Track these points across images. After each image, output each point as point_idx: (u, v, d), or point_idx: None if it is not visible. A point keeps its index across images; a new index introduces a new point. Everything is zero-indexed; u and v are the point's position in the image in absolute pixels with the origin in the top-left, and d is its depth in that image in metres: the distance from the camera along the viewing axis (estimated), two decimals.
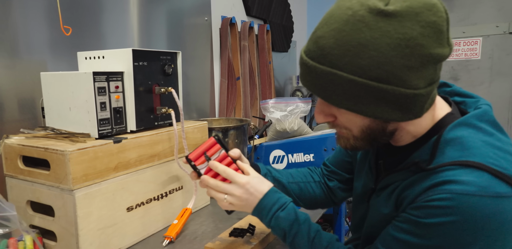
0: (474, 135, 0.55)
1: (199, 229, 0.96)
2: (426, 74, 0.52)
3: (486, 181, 0.50)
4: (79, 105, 0.83)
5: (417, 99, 0.53)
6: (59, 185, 0.75)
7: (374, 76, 0.51)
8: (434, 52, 0.50)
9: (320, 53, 0.53)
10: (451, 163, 0.53)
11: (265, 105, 1.64)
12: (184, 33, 1.68)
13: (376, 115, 0.54)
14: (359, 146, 0.62)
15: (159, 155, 0.94)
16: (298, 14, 2.93)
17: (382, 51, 0.49)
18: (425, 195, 0.53)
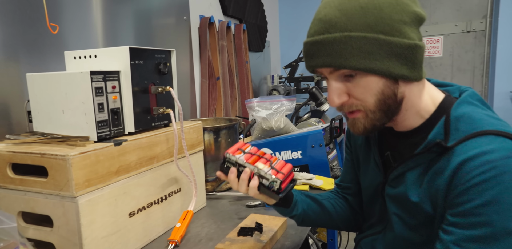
0: (477, 110, 0.61)
1: (202, 231, 0.94)
2: (416, 30, 0.61)
3: (509, 144, 0.55)
4: (74, 107, 0.78)
5: (417, 51, 0.60)
6: (59, 193, 0.70)
7: (380, 30, 0.58)
8: (417, 10, 0.60)
9: (328, 26, 0.60)
10: (470, 136, 0.57)
11: (251, 104, 1.64)
12: (163, 32, 1.64)
13: (390, 70, 0.59)
14: (377, 119, 0.63)
15: (158, 157, 0.91)
16: (271, 14, 2.95)
17: (382, 8, 0.58)
18: (460, 177, 0.55)
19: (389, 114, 0.64)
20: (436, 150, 0.60)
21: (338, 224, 0.84)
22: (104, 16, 1.29)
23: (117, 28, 1.35)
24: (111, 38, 1.30)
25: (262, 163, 0.72)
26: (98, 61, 0.86)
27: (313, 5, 3.04)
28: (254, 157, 0.73)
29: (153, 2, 1.56)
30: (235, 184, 0.72)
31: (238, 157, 0.73)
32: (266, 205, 1.07)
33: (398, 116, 0.66)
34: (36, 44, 1.03)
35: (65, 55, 0.90)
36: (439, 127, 0.61)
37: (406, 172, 0.65)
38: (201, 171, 1.11)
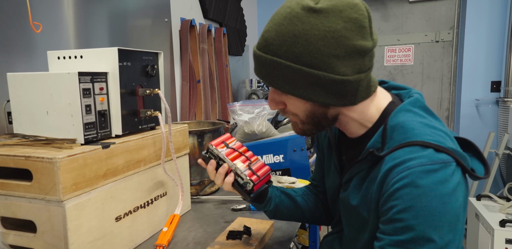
0: (412, 118, 0.63)
1: (188, 235, 0.93)
2: (353, 63, 0.60)
3: (431, 153, 0.57)
4: (59, 108, 0.76)
5: (346, 85, 0.61)
6: (45, 197, 0.68)
7: (307, 63, 0.59)
8: (357, 44, 0.59)
9: (264, 44, 0.63)
10: (398, 146, 0.60)
11: (233, 108, 1.64)
12: (143, 33, 1.61)
13: (312, 99, 0.62)
14: (307, 130, 0.69)
15: (144, 160, 0.89)
16: (250, 19, 2.98)
17: (312, 41, 0.58)
18: (386, 184, 0.59)
19: (320, 127, 0.69)
20: (372, 158, 0.64)
21: (309, 219, 0.89)
22: (78, 16, 1.26)
23: (93, 29, 1.32)
24: (84, 38, 1.26)
25: (241, 162, 0.75)
26: (84, 62, 0.84)
27: None
28: (236, 154, 0.76)
29: (134, 4, 1.54)
30: (212, 175, 0.77)
31: (220, 150, 0.76)
32: (252, 208, 1.08)
33: (341, 126, 0.70)
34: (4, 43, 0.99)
35: (48, 55, 0.87)
36: (377, 136, 0.64)
37: (353, 177, 0.69)
38: (187, 175, 1.10)
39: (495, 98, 2.58)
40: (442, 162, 0.56)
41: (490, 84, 2.59)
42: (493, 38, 2.54)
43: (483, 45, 2.57)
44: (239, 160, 0.75)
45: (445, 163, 0.56)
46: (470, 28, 2.59)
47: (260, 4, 3.18)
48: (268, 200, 0.80)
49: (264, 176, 0.75)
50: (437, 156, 0.57)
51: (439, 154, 0.57)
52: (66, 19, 1.17)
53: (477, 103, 2.64)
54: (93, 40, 1.30)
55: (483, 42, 2.57)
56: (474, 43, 2.59)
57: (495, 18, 2.52)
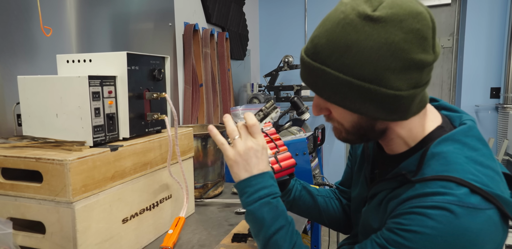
0: (459, 151, 0.57)
1: (193, 238, 0.94)
2: (409, 77, 0.55)
3: (464, 194, 0.53)
4: (69, 111, 0.77)
5: (399, 100, 0.56)
6: (55, 198, 0.68)
7: (357, 75, 0.55)
8: (416, 57, 0.54)
9: (313, 51, 0.58)
10: (434, 177, 0.56)
11: (236, 112, 1.66)
12: (147, 37, 1.63)
13: (361, 112, 0.58)
14: (350, 139, 0.66)
15: (151, 163, 0.90)
16: (251, 23, 3.00)
17: (365, 53, 0.54)
18: (409, 203, 0.56)
19: (365, 139, 0.65)
20: (401, 180, 0.61)
21: (326, 222, 0.87)
22: (81, 19, 1.27)
23: (96, 32, 1.34)
24: (87, 42, 1.26)
25: (270, 148, 0.73)
26: (92, 66, 0.86)
27: (293, 16, 3.13)
28: (266, 140, 0.74)
29: (138, 8, 1.56)
30: None
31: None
32: None
33: (383, 141, 0.66)
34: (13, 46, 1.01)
35: (57, 58, 0.89)
36: (414, 159, 0.60)
37: (377, 194, 0.67)
38: (191, 178, 1.11)
39: (495, 104, 2.60)
40: (473, 206, 0.51)
41: (490, 90, 2.61)
42: (492, 45, 2.57)
43: (483, 52, 2.60)
44: (268, 145, 0.73)
45: (475, 209, 0.51)
46: (470, 34, 2.62)
47: (262, 9, 3.21)
48: (287, 191, 0.79)
49: (287, 168, 0.73)
50: (469, 198, 0.52)
51: (473, 196, 0.52)
52: (69, 23, 1.19)
53: (476, 109, 2.66)
54: (96, 44, 1.31)
55: (483, 49, 2.60)
56: (473, 49, 2.62)
57: (495, 25, 2.55)
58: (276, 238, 0.63)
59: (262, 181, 0.66)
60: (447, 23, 2.84)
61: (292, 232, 0.65)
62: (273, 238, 0.63)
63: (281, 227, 0.64)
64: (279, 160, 0.72)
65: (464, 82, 2.68)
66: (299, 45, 3.11)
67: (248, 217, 0.66)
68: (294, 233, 0.65)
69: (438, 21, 2.87)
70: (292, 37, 3.14)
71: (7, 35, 0.97)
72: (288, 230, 0.64)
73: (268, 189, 0.65)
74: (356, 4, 0.55)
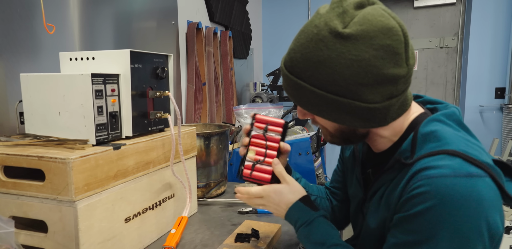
0: (446, 129, 0.59)
1: (196, 237, 0.93)
2: (382, 90, 0.55)
3: (458, 164, 0.53)
4: (72, 109, 0.77)
5: (374, 112, 0.57)
6: (57, 197, 0.68)
7: (331, 90, 0.56)
8: (388, 72, 0.54)
9: (290, 64, 0.60)
10: (428, 154, 0.56)
11: (239, 111, 1.65)
12: (150, 36, 1.63)
13: (338, 122, 0.60)
14: (336, 142, 0.68)
15: (153, 162, 0.90)
16: (255, 22, 2.99)
17: (337, 69, 0.55)
18: (406, 189, 0.56)
19: (349, 142, 0.67)
20: (399, 167, 0.61)
21: None
22: (84, 17, 1.27)
23: (99, 31, 1.33)
24: (90, 40, 1.26)
25: (255, 153, 0.74)
26: (95, 64, 0.85)
27: (296, 15, 3.11)
28: (260, 142, 0.75)
29: (141, 6, 1.55)
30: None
31: (254, 129, 0.76)
32: (259, 211, 1.08)
33: (369, 141, 0.68)
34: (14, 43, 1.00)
35: (60, 56, 0.88)
36: (407, 144, 0.61)
37: (377, 191, 0.67)
38: (194, 177, 1.10)
39: (499, 104, 2.58)
40: (468, 174, 0.52)
41: (495, 90, 2.59)
42: (497, 45, 2.55)
43: (488, 52, 2.58)
44: (256, 149, 0.74)
45: (471, 176, 0.52)
46: (474, 34, 2.60)
47: (265, 8, 3.20)
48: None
49: (256, 180, 0.74)
50: (464, 167, 0.52)
51: (467, 165, 0.53)
52: (72, 21, 1.18)
53: (481, 109, 2.64)
54: (99, 41, 1.31)
55: (488, 49, 2.58)
56: (478, 49, 2.60)
57: (500, 25, 2.53)
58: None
59: (293, 214, 0.71)
60: (451, 22, 2.82)
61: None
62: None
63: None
64: (255, 169, 0.73)
65: (469, 82, 2.66)
66: None
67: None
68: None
69: (443, 21, 2.86)
70: None
71: (10, 32, 0.97)
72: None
73: (299, 221, 0.71)
74: (329, 18, 0.56)
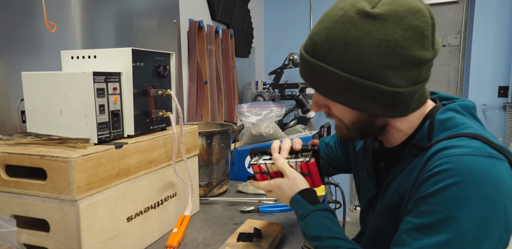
0: (461, 117, 0.60)
1: (198, 237, 0.93)
2: (408, 74, 0.55)
3: (479, 144, 0.53)
4: (73, 108, 0.76)
5: (398, 97, 0.56)
6: (59, 196, 0.68)
7: (356, 72, 0.55)
8: (415, 54, 0.54)
9: (313, 48, 0.59)
10: (447, 137, 0.57)
11: (240, 110, 1.64)
12: (152, 34, 1.62)
13: (359, 108, 0.59)
14: (351, 136, 0.67)
15: (155, 160, 0.89)
16: (256, 21, 2.98)
17: (364, 50, 0.54)
18: (424, 170, 0.56)
19: (366, 135, 0.66)
20: (415, 152, 0.61)
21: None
22: (85, 16, 1.26)
23: (100, 29, 1.32)
24: (91, 38, 1.25)
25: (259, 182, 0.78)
26: (97, 62, 0.85)
27: (298, 14, 3.10)
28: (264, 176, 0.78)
29: (142, 4, 1.55)
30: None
31: (265, 163, 0.77)
32: (261, 210, 1.08)
33: (383, 135, 0.67)
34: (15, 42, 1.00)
35: (61, 55, 0.88)
36: (423, 131, 0.61)
37: (390, 183, 0.66)
38: (196, 176, 1.10)
39: (503, 103, 2.57)
40: (489, 155, 0.52)
41: (498, 89, 2.58)
42: (501, 43, 2.54)
43: (491, 50, 2.57)
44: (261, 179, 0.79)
45: (492, 157, 0.52)
46: (477, 32, 2.58)
47: (267, 6, 3.19)
48: None
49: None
50: (484, 148, 0.53)
51: (487, 147, 0.53)
52: (73, 19, 1.17)
53: (484, 108, 2.62)
54: (100, 40, 1.30)
55: (491, 47, 2.56)
56: (481, 47, 2.59)
57: (503, 23, 2.51)
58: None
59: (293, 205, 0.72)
60: (454, 20, 2.81)
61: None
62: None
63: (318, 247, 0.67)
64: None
65: (472, 81, 2.65)
66: None
67: None
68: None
69: (446, 19, 2.84)
70: (297, 34, 3.11)
71: (11, 31, 0.96)
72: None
73: (297, 213, 0.72)
74: (355, 1, 0.56)
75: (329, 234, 0.64)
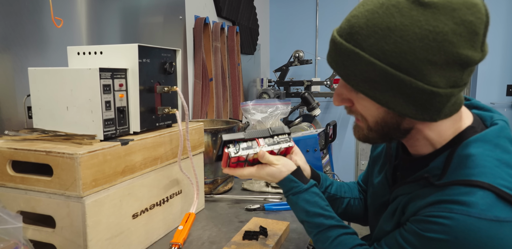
0: (490, 153, 0.53)
1: (203, 234, 0.92)
2: (450, 74, 0.50)
3: (488, 204, 0.48)
4: (79, 104, 0.76)
5: (434, 98, 0.51)
6: (65, 192, 0.67)
7: (394, 63, 0.50)
8: (462, 53, 0.48)
9: (349, 31, 0.53)
10: (459, 182, 0.52)
11: (246, 107, 1.63)
12: (158, 31, 1.61)
13: (389, 105, 0.53)
14: (371, 138, 0.61)
15: (161, 157, 0.89)
16: (262, 18, 2.97)
17: (408, 39, 0.48)
18: (428, 210, 0.53)
19: (388, 138, 0.61)
20: (424, 183, 0.58)
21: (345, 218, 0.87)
22: (91, 12, 1.26)
23: (106, 25, 1.32)
24: (96, 34, 1.24)
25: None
26: (103, 58, 0.84)
27: (304, 11, 3.08)
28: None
29: (149, 1, 1.54)
30: None
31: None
32: (266, 208, 1.07)
33: (408, 141, 0.62)
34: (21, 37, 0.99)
35: (68, 50, 0.87)
36: (439, 161, 0.56)
37: (397, 197, 0.64)
38: (201, 173, 1.09)
39: (511, 102, 2.54)
40: (495, 219, 0.48)
41: (506, 87, 2.55)
42: (509, 41, 2.50)
43: (499, 47, 2.53)
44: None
45: (498, 221, 0.47)
46: None
47: (273, 3, 3.17)
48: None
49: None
50: (493, 209, 0.48)
51: (499, 206, 0.48)
52: (79, 15, 1.17)
53: (492, 107, 2.60)
54: (106, 36, 1.29)
55: (499, 44, 2.53)
56: (490, 45, 2.54)
57: None
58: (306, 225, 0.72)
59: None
60: None
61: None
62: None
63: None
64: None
65: (479, 79, 2.61)
66: (310, 40, 3.06)
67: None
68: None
69: None
70: (303, 32, 3.09)
71: (18, 26, 0.96)
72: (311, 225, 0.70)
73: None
74: None
75: (317, 211, 0.69)
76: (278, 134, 0.75)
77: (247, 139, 0.73)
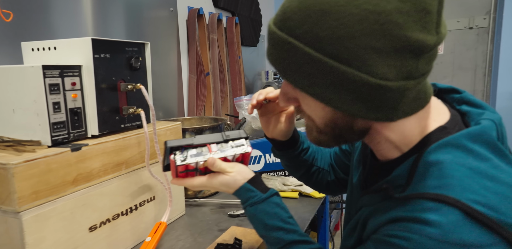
0: (461, 160, 0.43)
1: (176, 245, 0.84)
2: (400, 63, 0.41)
3: (453, 223, 0.40)
4: (25, 106, 0.68)
5: (384, 93, 0.42)
6: (1, 207, 0.60)
7: (332, 53, 0.41)
8: (412, 36, 0.39)
9: (281, 17, 0.44)
10: (423, 195, 0.43)
11: (240, 102, 1.54)
12: (147, 24, 1.53)
13: (333, 104, 0.44)
14: (323, 140, 0.52)
15: (127, 162, 0.81)
16: (265, 7, 2.84)
17: (345, 23, 0.40)
18: (387, 228, 0.46)
19: (342, 140, 0.51)
20: (384, 195, 0.49)
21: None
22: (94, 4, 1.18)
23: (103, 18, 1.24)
24: (100, 27, 1.18)
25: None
26: (58, 54, 0.76)
27: None
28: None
29: None
30: None
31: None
32: None
33: (370, 143, 0.53)
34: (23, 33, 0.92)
35: (22, 46, 0.80)
36: (403, 169, 0.47)
37: (361, 207, 0.55)
38: None
39: None
40: (459, 243, 0.39)
41: None
42: None
43: None
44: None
45: (463, 245, 0.39)
46: (509, 13, 2.34)
47: None
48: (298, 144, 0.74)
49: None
50: (458, 231, 0.40)
51: (466, 227, 0.40)
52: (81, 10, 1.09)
53: None
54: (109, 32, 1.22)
55: None
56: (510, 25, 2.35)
57: None
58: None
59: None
60: (483, 0, 2.56)
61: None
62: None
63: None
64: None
65: (501, 66, 2.42)
66: None
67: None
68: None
69: None
70: None
71: None
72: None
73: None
74: None
75: (277, 224, 0.61)
76: (233, 138, 0.66)
77: (197, 145, 0.63)
